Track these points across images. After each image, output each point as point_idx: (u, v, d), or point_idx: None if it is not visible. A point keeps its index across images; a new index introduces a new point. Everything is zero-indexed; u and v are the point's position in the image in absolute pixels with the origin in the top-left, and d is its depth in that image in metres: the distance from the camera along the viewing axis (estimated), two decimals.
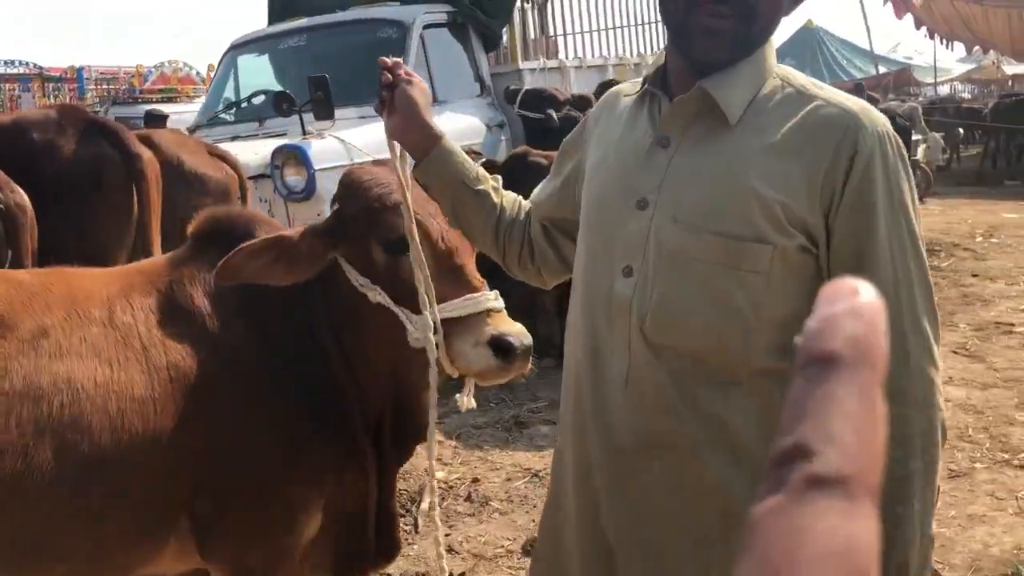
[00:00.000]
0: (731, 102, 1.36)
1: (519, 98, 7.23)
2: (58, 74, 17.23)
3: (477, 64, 7.58)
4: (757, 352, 1.33)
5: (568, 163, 1.67)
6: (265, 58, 7.84)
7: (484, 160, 5.75)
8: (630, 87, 1.58)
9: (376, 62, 5.46)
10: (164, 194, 4.87)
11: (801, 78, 1.42)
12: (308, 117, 6.05)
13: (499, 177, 1.77)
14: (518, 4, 8.14)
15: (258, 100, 7.01)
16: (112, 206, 3.52)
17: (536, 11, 9.11)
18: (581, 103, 7.22)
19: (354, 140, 6.00)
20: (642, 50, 9.94)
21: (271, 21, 8.38)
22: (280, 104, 6.11)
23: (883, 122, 1.35)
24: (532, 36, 8.87)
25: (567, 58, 8.94)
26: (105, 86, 17.23)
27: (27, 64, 17.09)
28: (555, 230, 1.69)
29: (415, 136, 1.65)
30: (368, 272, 1.92)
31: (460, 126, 6.81)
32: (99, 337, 1.83)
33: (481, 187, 1.67)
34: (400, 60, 1.71)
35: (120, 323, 1.87)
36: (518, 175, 3.81)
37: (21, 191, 3.20)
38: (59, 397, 1.75)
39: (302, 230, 1.94)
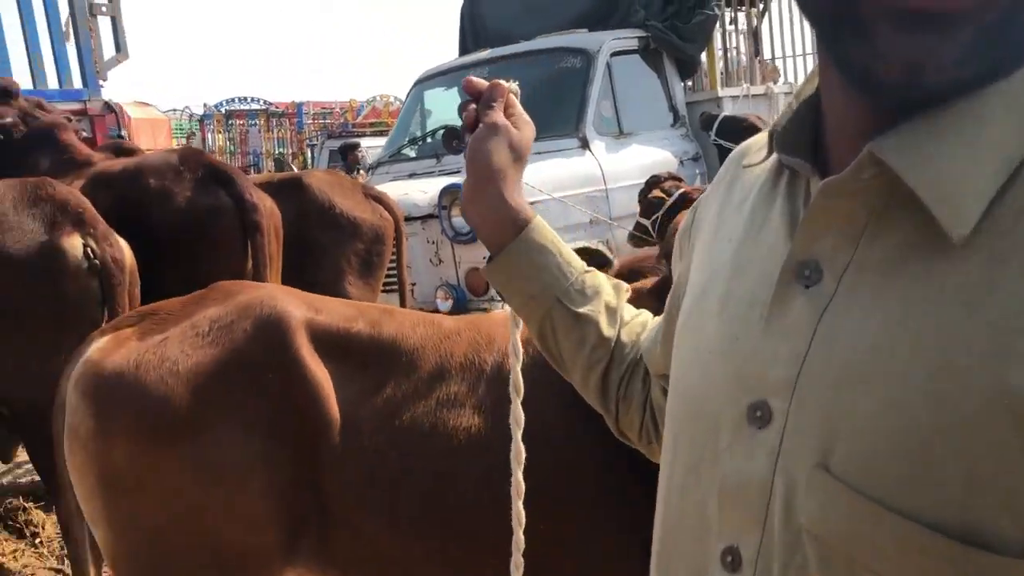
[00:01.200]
0: (951, 192, 0.64)
1: (716, 125, 6.53)
2: (281, 109, 18.19)
3: (671, 92, 6.95)
4: None
5: (677, 280, 1.03)
6: (452, 92, 7.60)
7: (681, 192, 5.13)
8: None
9: (556, 92, 4.81)
10: (314, 238, 4.63)
11: None
12: None
13: (627, 288, 1.16)
14: (718, 26, 7.44)
15: (439, 135, 6.76)
16: (224, 258, 3.24)
17: (747, 34, 8.36)
18: None
19: (526, 177, 5.53)
20: None
21: (461, 52, 8.16)
22: (449, 140, 5.77)
23: None
24: (738, 61, 8.12)
25: (775, 84, 8.10)
26: (321, 120, 17.98)
27: (256, 101, 18.16)
28: None
29: (486, 215, 1.07)
30: None
31: (648, 160, 6.23)
32: (484, 388, 1.79)
33: (586, 308, 1.07)
34: (498, 84, 1.11)
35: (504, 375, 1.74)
36: None
37: (121, 244, 2.95)
38: (435, 443, 1.73)
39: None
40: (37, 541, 3.77)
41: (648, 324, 1.12)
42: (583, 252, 5.48)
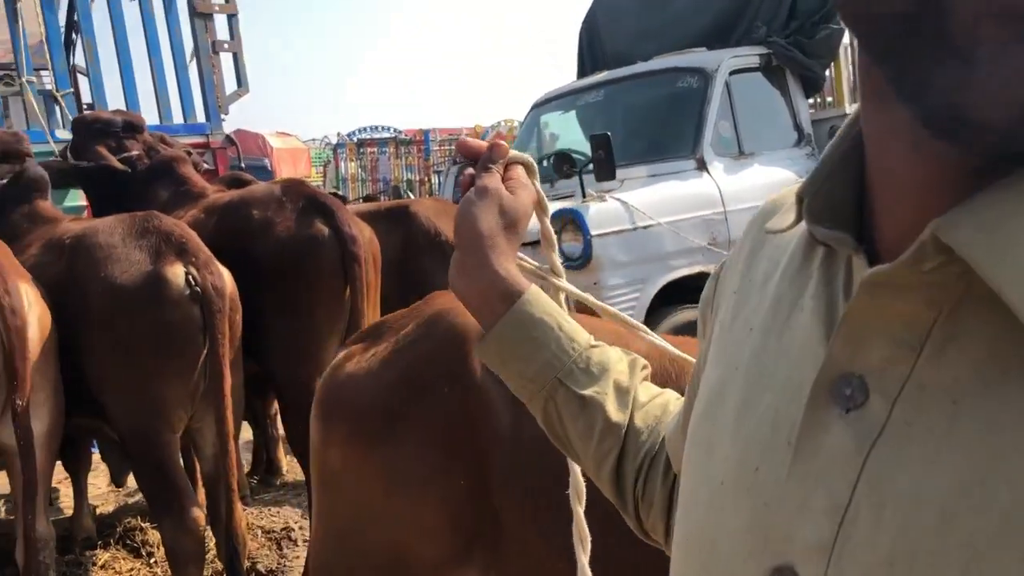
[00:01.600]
0: None
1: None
2: (409, 137, 18.59)
3: (795, 110, 6.67)
4: None
5: (696, 363, 0.86)
6: (569, 115, 7.55)
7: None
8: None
9: (673, 113, 4.66)
10: (420, 265, 4.64)
11: None
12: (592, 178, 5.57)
13: (645, 364, 0.99)
14: (846, 40, 7.10)
15: (550, 160, 6.71)
16: (322, 289, 3.25)
17: None
18: None
19: (638, 201, 5.42)
20: None
21: (580, 74, 8.11)
22: (560, 165, 5.72)
23: None
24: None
25: None
26: (448, 147, 18.27)
27: (386, 129, 18.63)
28: None
29: (474, 287, 0.93)
30: None
31: (770, 181, 5.98)
32: None
33: (591, 389, 0.91)
34: (499, 145, 0.99)
35: None
36: None
37: (222, 272, 3.01)
38: None
39: None
40: (152, 561, 3.88)
41: (670, 406, 0.96)
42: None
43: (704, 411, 0.68)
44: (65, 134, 5.09)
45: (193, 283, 2.93)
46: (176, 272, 2.95)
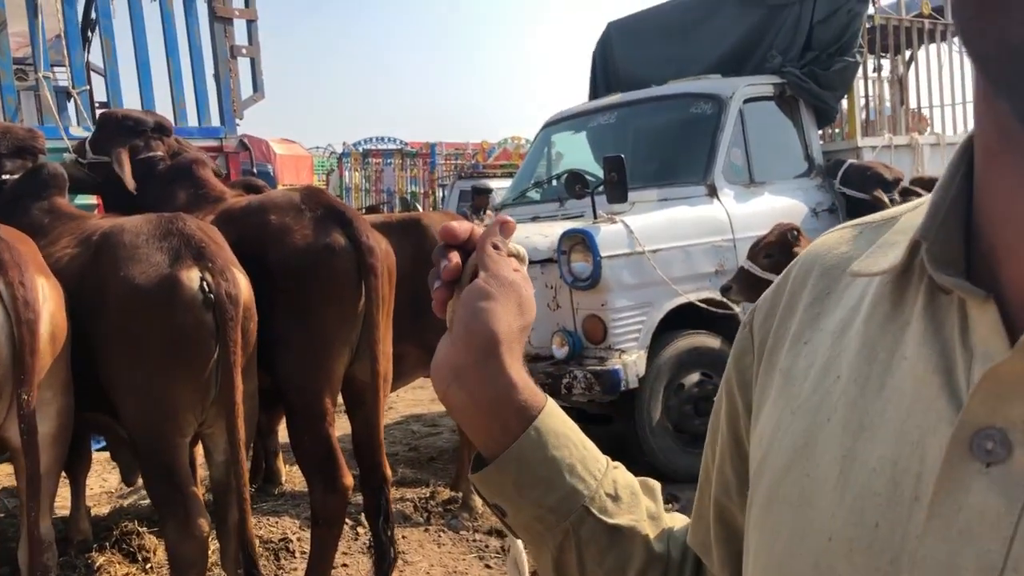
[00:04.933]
0: None
1: (840, 173, 6.25)
2: (415, 149, 18.65)
3: (806, 141, 6.68)
4: None
5: (724, 434, 0.76)
6: (579, 136, 7.57)
7: None
8: (864, 239, 0.68)
9: (685, 139, 4.70)
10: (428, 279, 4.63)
11: None
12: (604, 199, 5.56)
13: (656, 485, 0.87)
14: (860, 74, 7.13)
15: (563, 180, 6.71)
16: (336, 298, 3.22)
17: (890, 83, 8.00)
18: (933, 188, 6.08)
19: (639, 226, 5.41)
20: None
21: (592, 96, 8.13)
22: (572, 185, 5.73)
23: None
24: (879, 110, 7.77)
25: (921, 134, 7.69)
26: (453, 161, 18.32)
27: (392, 140, 18.69)
28: None
29: (484, 401, 0.78)
30: None
31: (779, 210, 5.98)
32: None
33: (625, 519, 0.80)
34: (507, 221, 0.85)
35: None
36: None
37: (239, 279, 2.98)
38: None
39: None
40: (148, 566, 3.84)
41: (676, 521, 0.85)
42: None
43: (789, 464, 0.62)
44: (79, 131, 5.08)
45: (207, 289, 2.90)
46: (191, 276, 2.92)
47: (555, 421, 0.79)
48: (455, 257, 0.82)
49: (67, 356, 2.88)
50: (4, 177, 3.56)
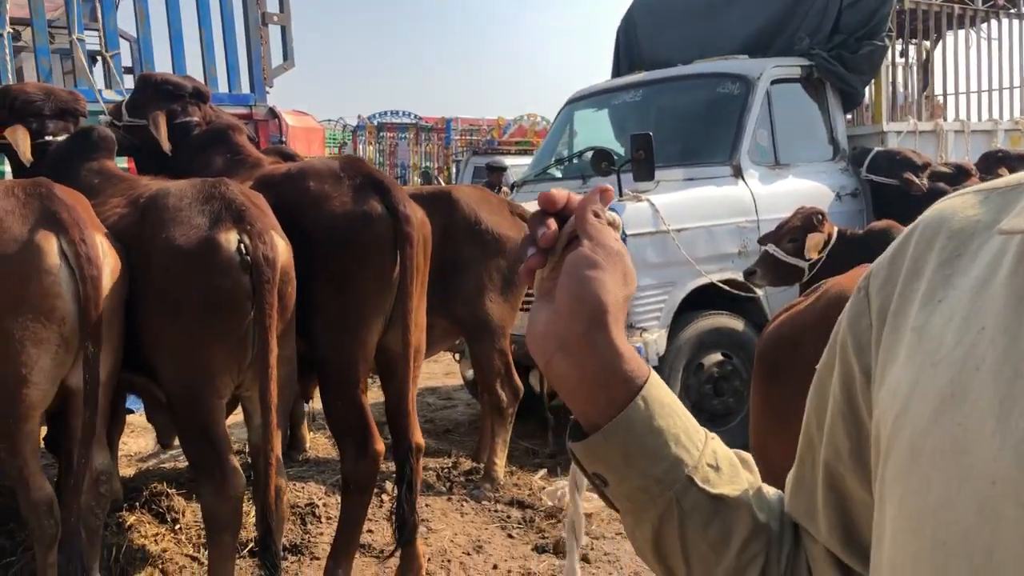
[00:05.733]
0: None
1: (868, 160, 6.23)
2: (430, 124, 18.60)
3: (832, 124, 6.66)
4: None
5: (826, 421, 0.77)
6: (602, 113, 7.55)
7: (837, 230, 4.91)
8: (991, 204, 0.70)
9: (712, 119, 4.72)
10: (459, 253, 4.65)
11: None
12: (630, 177, 5.56)
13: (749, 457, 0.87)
14: (887, 59, 7.09)
15: (586, 157, 6.70)
16: (372, 266, 3.24)
17: (917, 69, 7.96)
18: (959, 175, 6.07)
19: (664, 204, 5.42)
20: None
21: (615, 74, 8.10)
22: (599, 162, 5.73)
23: None
24: (906, 95, 7.74)
25: (945, 121, 7.66)
26: (469, 136, 18.26)
27: (407, 115, 18.64)
28: None
29: (593, 372, 0.78)
30: None
31: (804, 192, 5.97)
32: None
33: (728, 488, 0.80)
34: (607, 189, 0.85)
35: None
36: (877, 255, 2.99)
37: (278, 243, 3.01)
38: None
39: None
40: (177, 527, 3.89)
41: (769, 493, 0.85)
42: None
43: (935, 415, 0.63)
44: (112, 95, 5.09)
45: (244, 251, 2.93)
46: (229, 238, 2.95)
47: (660, 391, 0.79)
48: (553, 224, 0.82)
49: (122, 313, 2.95)
50: (48, 138, 3.59)
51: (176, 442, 3.85)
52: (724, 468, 0.81)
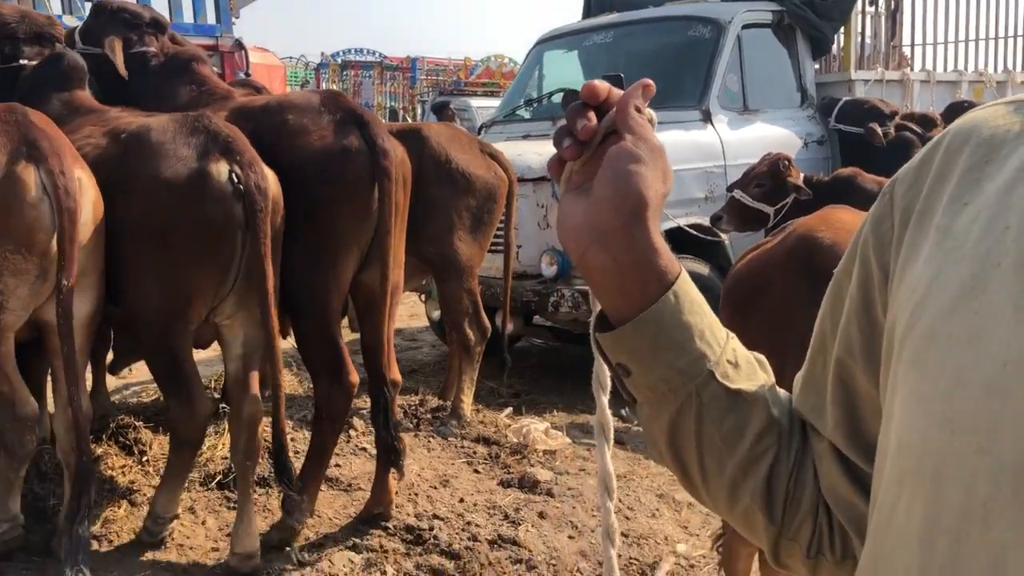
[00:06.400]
0: None
1: (836, 110, 6.29)
2: (396, 63, 18.32)
3: (801, 71, 6.69)
4: None
5: (845, 318, 0.79)
6: (572, 54, 7.49)
7: (803, 177, 4.96)
8: (1021, 115, 0.70)
9: (682, 62, 4.76)
10: (428, 191, 4.62)
11: None
12: None
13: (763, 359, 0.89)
14: (858, 7, 7.11)
15: (556, 98, 6.66)
16: (350, 200, 3.22)
17: (886, 18, 7.97)
18: (924, 123, 6.15)
19: None
20: (1010, 65, 8.39)
21: (585, 15, 8.03)
22: (568, 102, 5.67)
23: None
24: (873, 44, 7.77)
25: (912, 70, 7.73)
26: (435, 77, 18.04)
27: (372, 53, 18.32)
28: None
29: (628, 265, 0.81)
30: None
31: (771, 139, 6.02)
32: None
33: (746, 384, 0.84)
34: (649, 84, 0.84)
35: None
36: (842, 201, 3.05)
37: (268, 173, 3.04)
38: None
39: None
40: (144, 459, 3.88)
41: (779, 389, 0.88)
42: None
43: (954, 305, 0.64)
44: (73, 21, 4.94)
45: (236, 181, 2.92)
46: (220, 169, 2.93)
47: (690, 288, 0.82)
48: (594, 117, 0.83)
49: (103, 245, 2.92)
50: (23, 62, 3.48)
51: (129, 372, 3.85)
52: (743, 365, 0.84)
